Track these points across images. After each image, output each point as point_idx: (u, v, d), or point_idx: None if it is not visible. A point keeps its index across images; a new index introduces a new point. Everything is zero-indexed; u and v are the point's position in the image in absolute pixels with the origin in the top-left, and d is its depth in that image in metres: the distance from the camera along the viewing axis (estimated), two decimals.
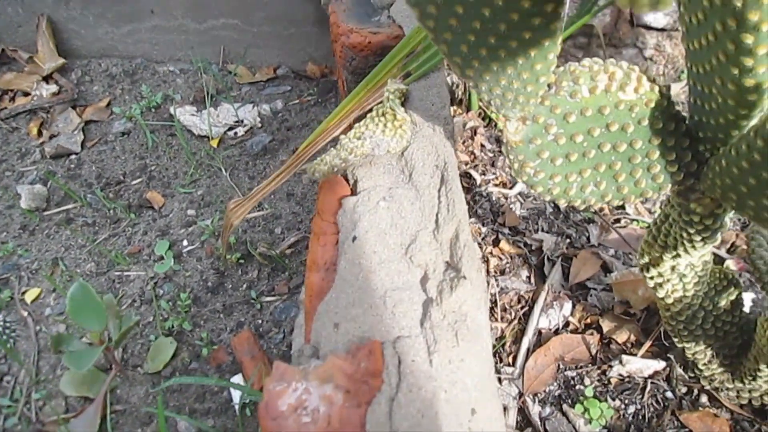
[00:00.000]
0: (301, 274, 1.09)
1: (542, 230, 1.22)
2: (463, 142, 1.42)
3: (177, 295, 1.08)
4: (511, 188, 1.32)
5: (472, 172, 1.36)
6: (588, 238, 1.18)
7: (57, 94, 1.55)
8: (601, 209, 1.24)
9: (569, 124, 0.51)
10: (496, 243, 1.24)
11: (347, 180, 0.69)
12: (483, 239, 1.26)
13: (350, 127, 0.76)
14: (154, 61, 1.67)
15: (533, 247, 1.20)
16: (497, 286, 1.14)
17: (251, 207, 0.88)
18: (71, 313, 0.88)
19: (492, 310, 1.12)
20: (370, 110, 0.74)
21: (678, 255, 0.66)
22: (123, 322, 0.93)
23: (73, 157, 1.41)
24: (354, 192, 0.69)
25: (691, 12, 0.43)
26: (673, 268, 0.71)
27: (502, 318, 1.09)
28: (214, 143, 1.42)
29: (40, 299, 1.13)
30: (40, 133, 1.48)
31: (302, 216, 1.18)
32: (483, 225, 1.29)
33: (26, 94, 1.55)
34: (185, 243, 1.17)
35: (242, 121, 1.46)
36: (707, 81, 0.47)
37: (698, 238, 0.60)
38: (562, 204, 0.56)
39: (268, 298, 1.06)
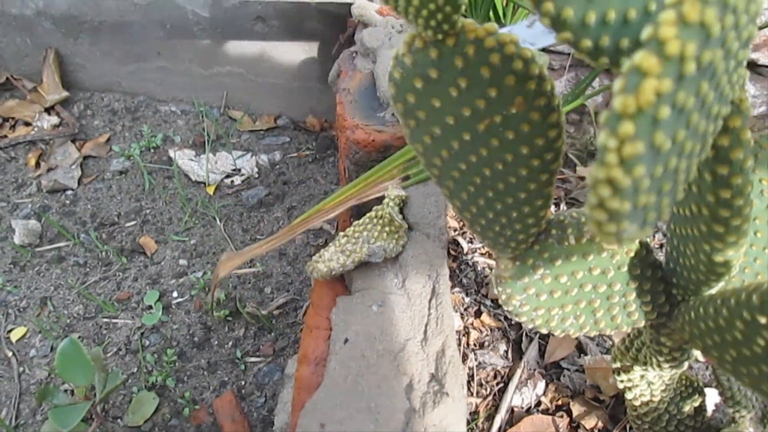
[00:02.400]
0: (287, 336, 1.12)
1: None
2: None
3: (163, 348, 1.10)
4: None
5: (460, 240, 1.40)
6: None
7: (58, 127, 1.58)
8: None
9: (555, 267, 0.56)
10: (477, 314, 1.28)
11: (342, 275, 0.73)
12: (465, 310, 1.30)
13: (347, 217, 0.80)
14: (156, 99, 1.71)
15: (513, 322, 1.24)
16: (475, 360, 1.18)
17: (241, 263, 0.91)
18: (59, 369, 0.90)
19: (468, 384, 1.15)
20: (367, 205, 0.78)
21: (647, 369, 0.70)
22: (109, 378, 0.95)
23: (69, 192, 1.44)
24: (349, 290, 0.73)
25: None
26: (642, 377, 0.76)
27: (477, 393, 1.12)
28: (211, 190, 1.45)
29: (26, 339, 1.14)
30: (38, 165, 1.50)
31: (293, 277, 1.22)
32: (466, 295, 1.33)
33: (27, 123, 1.57)
34: (175, 294, 1.19)
35: (240, 170, 1.50)
36: (683, 242, 0.52)
37: (666, 365, 0.65)
38: (543, 331, 0.60)
39: (253, 359, 1.08)
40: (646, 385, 0.77)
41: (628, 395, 0.78)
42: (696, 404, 0.80)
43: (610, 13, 0.32)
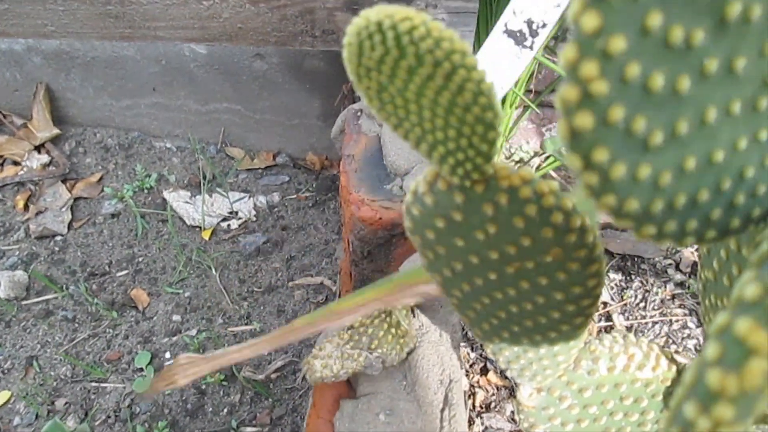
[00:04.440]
0: (284, 402, 1.06)
1: None
2: None
3: (154, 417, 1.04)
4: None
5: None
6: None
7: (48, 166, 1.52)
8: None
9: (584, 397, 0.50)
10: (484, 372, 1.23)
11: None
12: (471, 366, 1.25)
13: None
14: (151, 135, 1.65)
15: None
16: (482, 425, 1.13)
17: (208, 371, 0.85)
18: None
19: None
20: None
21: None
22: None
23: (58, 238, 1.38)
24: (353, 389, 0.67)
25: (707, 273, 0.43)
26: None
27: None
28: (206, 235, 1.39)
29: (10, 404, 1.08)
30: (26, 207, 1.44)
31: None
32: (472, 350, 1.28)
33: (16, 163, 1.52)
34: (168, 355, 1.14)
35: (237, 213, 1.44)
36: None
37: None
38: None
39: (249, 429, 1.03)
40: None
41: None
42: None
43: (679, 199, 0.27)
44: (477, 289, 0.43)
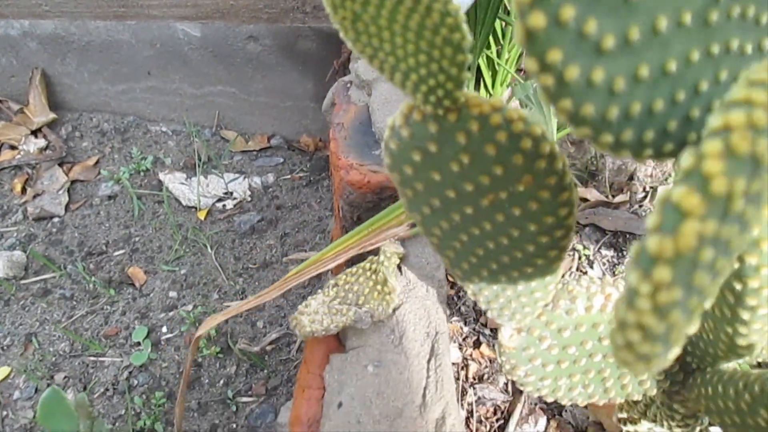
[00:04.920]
0: (279, 374, 1.07)
1: None
2: None
3: (152, 389, 1.06)
4: None
5: None
6: None
7: (44, 150, 1.53)
8: None
9: (563, 337, 0.52)
10: (477, 345, 1.24)
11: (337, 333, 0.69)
12: (464, 340, 1.27)
13: (342, 267, 0.76)
14: (146, 119, 1.66)
15: None
16: (474, 395, 1.14)
17: (223, 320, 0.87)
18: (41, 420, 0.86)
19: (468, 421, 1.12)
20: (367, 254, 0.74)
21: (655, 424, 0.67)
22: (95, 427, 0.91)
23: (56, 220, 1.39)
24: (343, 345, 0.69)
25: None
26: (649, 429, 0.72)
27: (477, 431, 1.09)
28: (202, 215, 1.41)
29: (9, 379, 1.10)
30: (24, 191, 1.46)
31: (286, 310, 1.18)
32: (465, 324, 1.29)
33: (13, 147, 1.53)
34: (164, 329, 1.15)
35: (232, 194, 1.46)
36: (703, 316, 0.48)
37: (678, 430, 0.61)
38: (549, 400, 0.56)
39: (245, 399, 1.04)
40: None
41: None
42: None
43: (634, 106, 0.29)
44: (455, 226, 0.45)
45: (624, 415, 0.74)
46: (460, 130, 0.38)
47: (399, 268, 0.70)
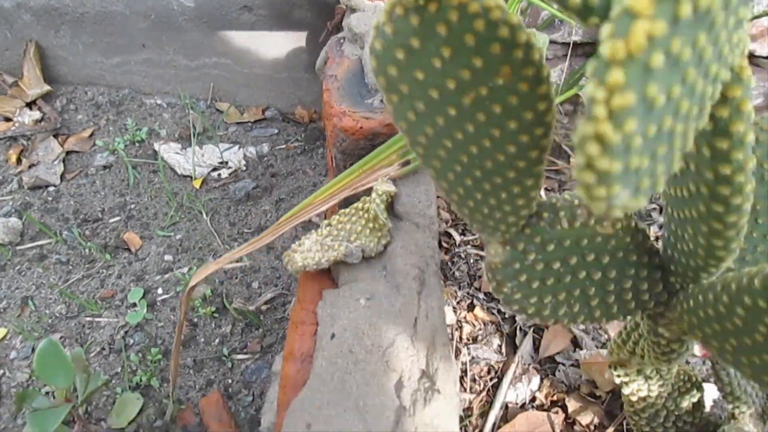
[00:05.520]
0: (275, 332, 1.08)
1: None
2: (446, 200, 1.44)
3: (147, 347, 1.07)
4: None
5: (452, 232, 1.37)
6: None
7: (39, 122, 1.54)
8: None
9: (547, 252, 0.52)
10: (470, 308, 1.25)
11: (329, 267, 0.70)
12: (458, 303, 1.27)
13: (336, 209, 0.77)
14: (141, 92, 1.67)
15: (506, 315, 1.21)
16: (468, 354, 1.15)
17: (221, 265, 0.87)
18: (38, 370, 0.87)
19: (462, 380, 1.13)
20: (361, 193, 0.75)
21: (644, 363, 0.68)
22: (91, 379, 0.92)
23: (51, 189, 1.40)
24: (336, 283, 0.69)
25: None
26: (639, 371, 0.73)
27: (471, 389, 1.09)
28: (197, 184, 1.41)
29: (6, 340, 1.10)
30: (19, 161, 1.46)
31: (281, 271, 1.18)
32: (459, 288, 1.30)
33: (7, 119, 1.53)
34: (160, 291, 1.16)
35: (227, 163, 1.46)
36: (681, 225, 0.49)
37: (664, 357, 0.62)
38: (535, 320, 0.57)
39: (240, 356, 1.05)
40: (644, 380, 0.74)
41: (625, 390, 0.76)
42: (694, 400, 0.78)
43: None
44: (439, 132, 0.46)
45: (614, 358, 0.75)
46: (440, 21, 0.38)
47: (391, 206, 0.71)
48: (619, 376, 0.75)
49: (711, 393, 1.00)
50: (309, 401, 0.60)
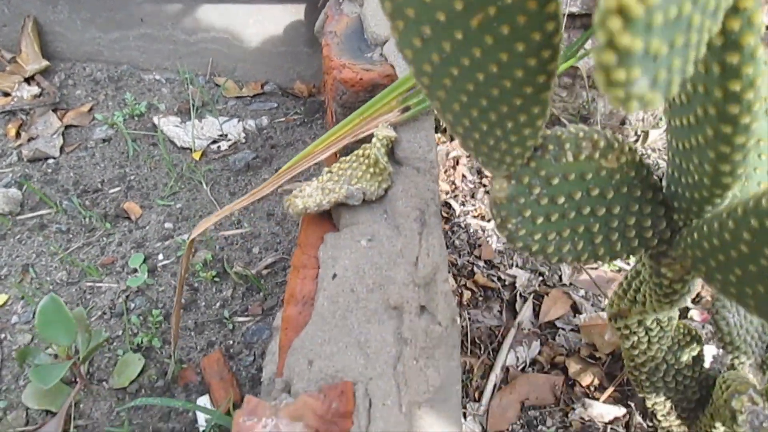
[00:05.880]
0: (276, 295, 1.09)
1: (516, 266, 1.24)
2: (445, 171, 1.44)
3: (148, 310, 1.07)
4: (488, 221, 1.34)
5: (452, 202, 1.38)
6: (560, 277, 1.21)
7: (38, 97, 1.53)
8: None
9: (552, 186, 0.53)
10: (470, 275, 1.26)
11: (330, 213, 0.70)
12: (459, 271, 1.28)
13: (336, 157, 0.77)
14: (140, 68, 1.66)
15: (506, 282, 1.22)
16: (469, 319, 1.16)
17: (221, 217, 0.87)
18: (40, 327, 0.87)
19: (462, 343, 1.13)
20: (361, 141, 0.75)
21: (646, 311, 0.68)
22: (92, 337, 0.92)
23: (50, 161, 1.40)
24: (337, 228, 0.70)
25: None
26: (639, 322, 0.74)
27: (471, 352, 1.10)
28: (197, 156, 1.41)
29: (7, 306, 1.11)
30: (18, 135, 1.46)
31: (281, 237, 1.19)
32: (459, 256, 1.31)
33: (6, 94, 1.53)
34: (161, 257, 1.16)
35: (226, 136, 1.46)
36: (685, 157, 0.50)
37: (666, 300, 0.62)
38: (540, 259, 0.58)
39: (241, 319, 1.06)
40: (644, 332, 0.75)
41: (626, 343, 0.76)
42: (694, 353, 0.79)
43: None
44: (446, 59, 0.46)
45: (614, 310, 0.75)
46: None
47: (392, 151, 0.71)
48: (619, 328, 0.75)
49: (710, 351, 1.01)
50: (310, 339, 0.60)
